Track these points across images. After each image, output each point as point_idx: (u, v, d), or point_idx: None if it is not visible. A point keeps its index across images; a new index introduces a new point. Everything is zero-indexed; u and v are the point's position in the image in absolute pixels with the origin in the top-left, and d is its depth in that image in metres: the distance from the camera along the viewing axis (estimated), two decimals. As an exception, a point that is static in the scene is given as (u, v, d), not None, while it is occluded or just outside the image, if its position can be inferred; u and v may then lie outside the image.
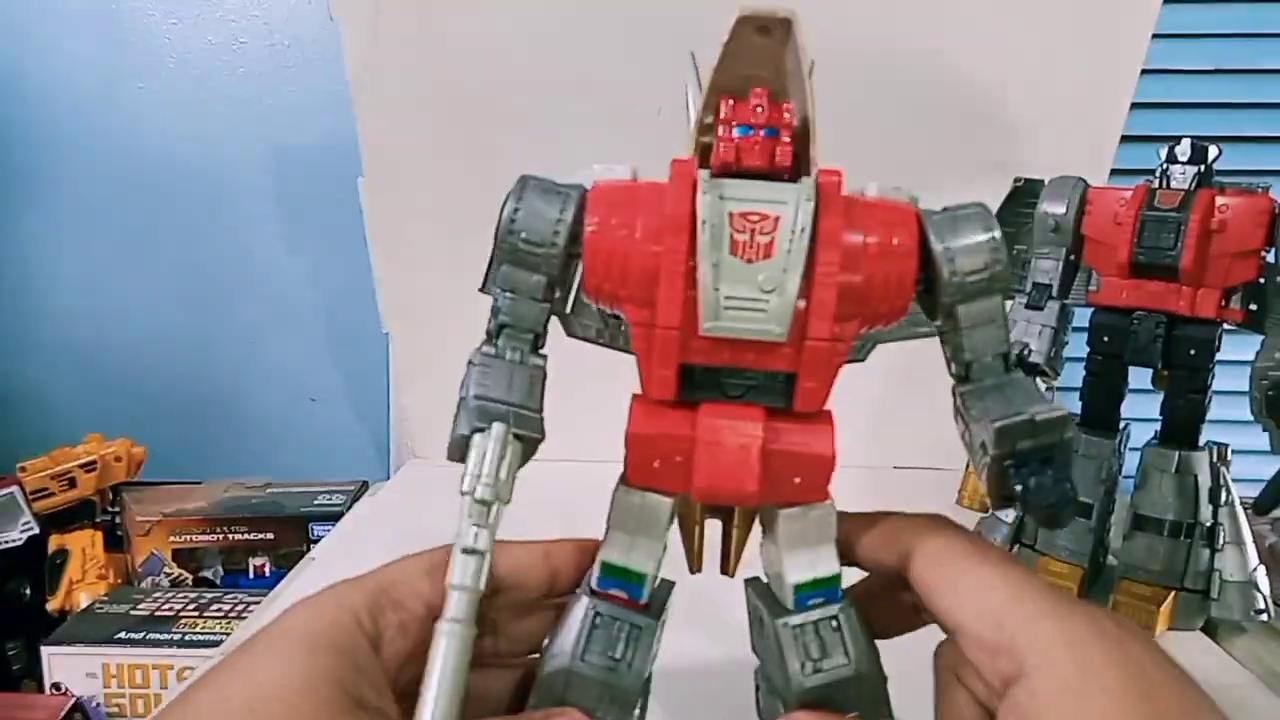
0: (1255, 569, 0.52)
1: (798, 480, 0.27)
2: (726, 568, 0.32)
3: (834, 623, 0.28)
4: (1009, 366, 0.28)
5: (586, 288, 0.27)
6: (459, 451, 0.26)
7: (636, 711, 0.29)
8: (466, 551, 0.24)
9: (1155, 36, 0.73)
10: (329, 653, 0.25)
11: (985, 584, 0.25)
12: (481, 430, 0.25)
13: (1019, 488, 0.26)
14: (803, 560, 0.28)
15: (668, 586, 0.30)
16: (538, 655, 0.32)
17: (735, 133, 0.25)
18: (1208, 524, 0.52)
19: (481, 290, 0.30)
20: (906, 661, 0.29)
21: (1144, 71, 0.74)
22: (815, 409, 0.27)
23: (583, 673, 0.28)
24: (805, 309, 0.25)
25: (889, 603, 0.30)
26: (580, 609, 0.28)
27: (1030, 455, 0.26)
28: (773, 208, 0.25)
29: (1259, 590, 0.52)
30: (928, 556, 0.27)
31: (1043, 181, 0.55)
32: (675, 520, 0.29)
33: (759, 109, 0.25)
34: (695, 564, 0.32)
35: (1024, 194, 0.57)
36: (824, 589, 0.28)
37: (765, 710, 0.31)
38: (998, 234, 0.27)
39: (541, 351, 0.28)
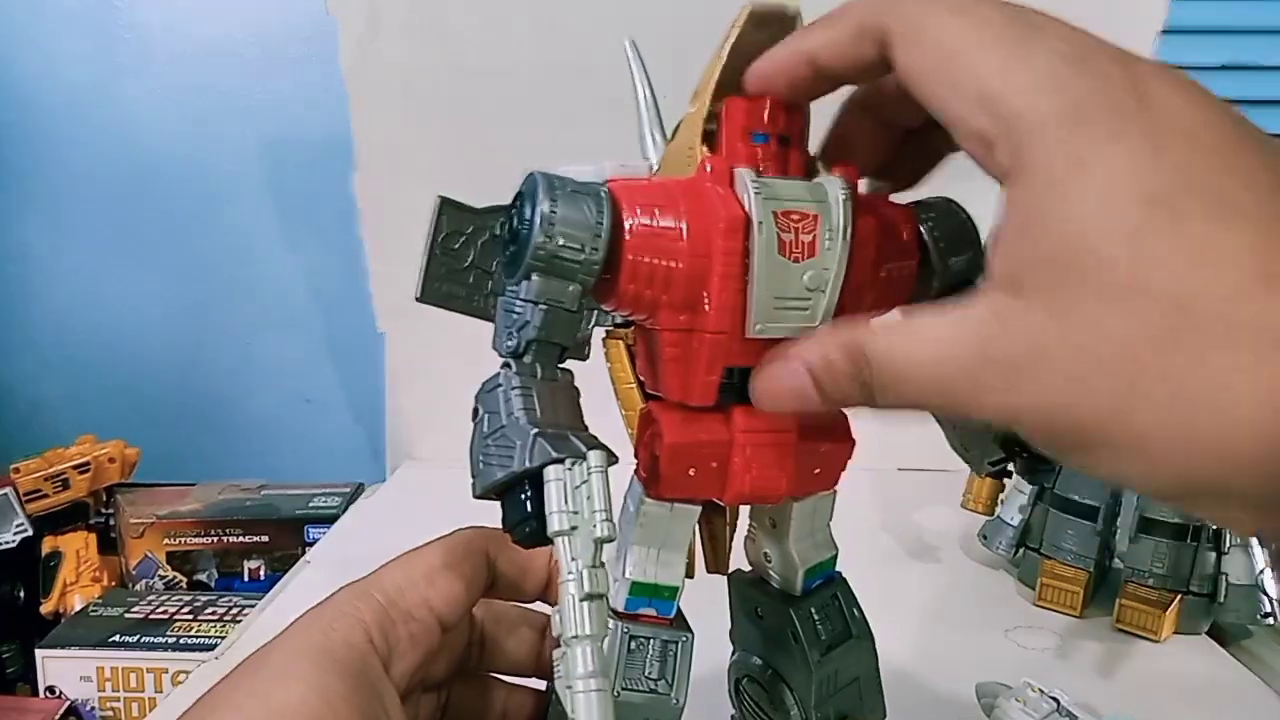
0: (1261, 572, 0.52)
1: (817, 471, 0.28)
2: (719, 565, 0.32)
3: (835, 599, 0.31)
4: None
5: (617, 294, 0.25)
6: (507, 486, 0.23)
7: None
8: (589, 598, 0.22)
9: (1165, 32, 0.72)
10: (344, 674, 0.25)
11: (974, 57, 0.19)
12: (558, 462, 0.23)
13: None
14: (809, 546, 0.30)
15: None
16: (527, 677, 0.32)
17: (754, 140, 0.25)
18: (1214, 527, 0.52)
19: (420, 300, 0.29)
20: (905, 658, 0.29)
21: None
22: None
23: (632, 701, 0.27)
24: (841, 304, 0.25)
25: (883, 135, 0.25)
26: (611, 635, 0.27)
27: None
28: (812, 206, 0.25)
29: (1265, 593, 0.52)
30: (907, 33, 0.21)
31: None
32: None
33: (775, 117, 0.25)
34: (723, 565, 0.32)
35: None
36: (828, 568, 0.31)
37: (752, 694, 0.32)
38: (975, 227, 0.29)
39: (563, 365, 0.26)
